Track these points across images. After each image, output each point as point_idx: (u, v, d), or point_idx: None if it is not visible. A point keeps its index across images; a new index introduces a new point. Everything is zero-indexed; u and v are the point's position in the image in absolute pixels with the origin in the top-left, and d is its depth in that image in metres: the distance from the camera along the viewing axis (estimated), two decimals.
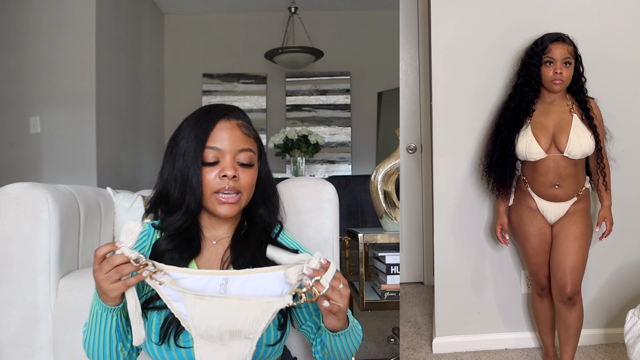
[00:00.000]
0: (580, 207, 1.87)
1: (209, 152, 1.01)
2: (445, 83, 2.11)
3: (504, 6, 2.07)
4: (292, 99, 5.60)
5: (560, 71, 1.78)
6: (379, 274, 2.18)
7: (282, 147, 4.30)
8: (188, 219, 1.03)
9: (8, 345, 1.41)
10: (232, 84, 5.53)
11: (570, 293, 1.83)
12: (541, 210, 1.89)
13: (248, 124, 1.07)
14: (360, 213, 3.82)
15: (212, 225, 1.08)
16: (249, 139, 1.05)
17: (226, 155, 1.01)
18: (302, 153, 4.28)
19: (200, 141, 1.01)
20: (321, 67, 5.43)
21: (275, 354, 1.06)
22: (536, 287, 1.99)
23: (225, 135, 1.02)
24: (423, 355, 2.19)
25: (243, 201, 1.04)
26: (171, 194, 1.03)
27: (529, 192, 1.90)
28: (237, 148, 1.02)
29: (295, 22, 5.06)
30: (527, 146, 1.82)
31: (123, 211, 1.84)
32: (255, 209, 1.10)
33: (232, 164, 1.01)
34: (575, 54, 1.83)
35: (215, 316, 0.88)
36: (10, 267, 1.40)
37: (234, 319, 0.88)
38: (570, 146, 1.79)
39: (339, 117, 5.60)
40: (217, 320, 0.88)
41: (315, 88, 5.61)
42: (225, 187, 1.00)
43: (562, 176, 1.82)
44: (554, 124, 1.83)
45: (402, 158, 3.17)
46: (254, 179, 1.05)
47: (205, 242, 1.07)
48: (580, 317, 1.87)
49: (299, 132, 4.28)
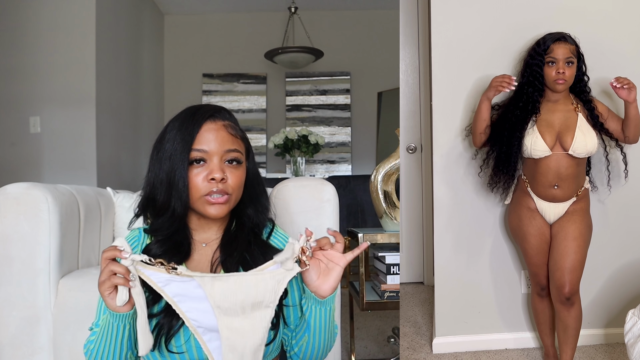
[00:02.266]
0: (579, 206, 1.87)
1: (195, 154, 0.99)
2: (445, 83, 2.11)
3: (504, 6, 2.07)
4: (292, 99, 5.60)
5: (563, 71, 1.78)
6: (379, 274, 2.18)
7: (282, 147, 4.30)
8: (175, 222, 1.02)
9: (8, 345, 1.41)
10: (232, 84, 5.53)
11: (569, 293, 1.82)
12: (540, 211, 1.89)
13: (234, 124, 1.06)
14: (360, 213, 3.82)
15: (202, 228, 1.07)
16: (235, 139, 1.04)
17: (213, 156, 1.00)
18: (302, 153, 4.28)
19: (187, 143, 0.99)
20: (321, 67, 5.43)
21: (271, 353, 1.06)
22: (536, 287, 1.98)
23: (211, 136, 1.00)
24: (423, 355, 2.20)
25: (232, 201, 1.03)
26: (158, 198, 1.02)
27: (529, 192, 1.90)
28: (224, 149, 1.01)
29: (295, 22, 5.06)
30: (533, 143, 1.81)
31: (123, 211, 1.84)
32: (243, 209, 1.09)
33: (220, 166, 1.00)
34: (577, 52, 1.83)
35: (235, 292, 0.93)
36: (10, 267, 1.40)
37: (253, 292, 0.94)
38: (576, 144, 1.79)
39: (339, 117, 5.60)
40: (239, 296, 0.93)
41: (315, 88, 5.61)
42: (213, 189, 0.99)
43: (562, 177, 1.82)
44: (560, 122, 1.83)
45: (402, 158, 3.17)
46: (242, 179, 1.04)
47: (195, 246, 1.06)
48: (578, 317, 1.87)
49: (299, 132, 4.28)
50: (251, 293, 0.93)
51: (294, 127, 4.84)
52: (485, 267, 2.18)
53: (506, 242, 2.18)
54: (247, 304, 0.94)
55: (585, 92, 1.88)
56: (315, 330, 1.04)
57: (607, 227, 2.11)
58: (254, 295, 0.94)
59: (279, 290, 0.94)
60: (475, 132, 1.92)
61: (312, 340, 1.05)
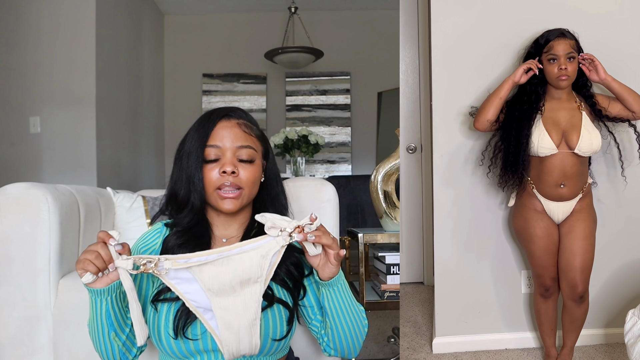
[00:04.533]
0: (585, 202, 1.88)
1: (209, 151, 1.06)
2: (445, 83, 2.11)
3: (504, 6, 2.07)
4: (292, 99, 5.60)
5: (565, 67, 1.78)
6: (379, 274, 2.18)
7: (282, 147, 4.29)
8: (195, 215, 1.09)
9: (8, 345, 1.41)
10: (232, 84, 5.53)
11: (582, 291, 1.87)
12: (548, 212, 1.88)
13: (250, 123, 1.12)
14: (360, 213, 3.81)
15: (222, 224, 1.12)
16: (249, 137, 1.09)
17: (226, 152, 1.06)
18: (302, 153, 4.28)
19: (202, 141, 1.07)
20: (321, 67, 5.42)
21: (281, 350, 1.08)
22: (540, 289, 1.97)
23: (225, 133, 1.07)
24: (423, 355, 2.20)
25: (245, 197, 1.08)
26: (179, 194, 1.09)
27: (535, 194, 1.89)
28: (237, 145, 1.07)
29: (295, 22, 5.06)
30: (540, 140, 1.80)
31: (123, 211, 1.84)
32: (263, 209, 1.13)
33: (232, 161, 1.06)
34: (577, 47, 1.83)
35: (223, 274, 0.97)
36: (10, 267, 1.40)
37: (240, 270, 0.97)
38: (582, 143, 1.79)
39: (339, 117, 5.60)
40: (226, 277, 0.97)
41: (315, 88, 5.60)
42: (225, 182, 1.05)
43: (568, 175, 1.82)
44: (565, 121, 1.83)
45: (402, 158, 3.17)
46: (255, 175, 1.08)
47: (215, 240, 1.11)
48: (587, 310, 1.93)
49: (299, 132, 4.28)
50: (237, 272, 0.97)
51: (294, 127, 4.83)
52: (485, 267, 2.18)
53: (506, 241, 2.18)
54: (235, 283, 0.97)
55: (587, 87, 1.88)
56: (334, 314, 1.06)
57: (608, 227, 2.11)
58: (240, 273, 0.97)
59: (264, 265, 0.98)
60: (486, 108, 1.87)
61: (335, 326, 1.07)
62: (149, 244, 1.09)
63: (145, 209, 1.85)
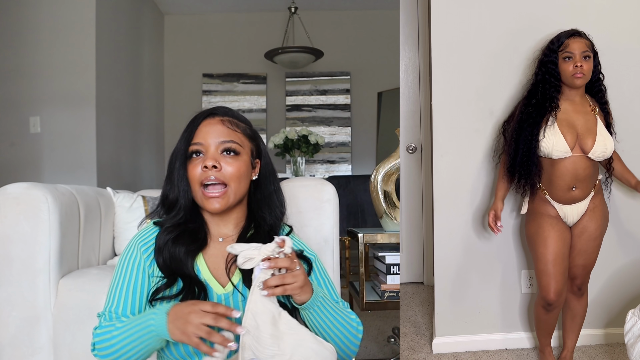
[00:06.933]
0: (598, 199, 1.87)
1: (193, 148, 1.07)
2: (445, 83, 2.11)
3: (503, 6, 2.07)
4: (292, 99, 5.60)
5: (581, 64, 1.74)
6: (379, 274, 2.18)
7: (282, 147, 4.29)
8: (185, 213, 1.09)
9: (8, 345, 1.41)
10: (232, 84, 5.53)
11: (580, 284, 1.92)
12: (562, 216, 1.86)
13: (235, 120, 1.12)
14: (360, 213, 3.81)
15: (216, 223, 1.12)
16: (233, 132, 1.09)
17: (209, 148, 1.07)
18: (302, 153, 4.28)
19: (187, 141, 1.08)
20: (321, 67, 5.43)
21: None
22: (542, 301, 1.89)
23: (207, 130, 1.08)
24: (423, 355, 2.19)
25: (232, 195, 1.07)
26: (169, 195, 1.10)
27: (548, 200, 1.86)
28: (219, 140, 1.07)
29: (295, 22, 5.06)
30: (554, 142, 1.77)
31: (123, 211, 1.84)
32: (257, 210, 1.13)
33: (214, 155, 1.06)
34: (592, 48, 1.80)
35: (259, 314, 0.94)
36: (10, 267, 1.40)
37: (261, 315, 0.94)
38: (597, 148, 1.77)
39: (339, 117, 5.60)
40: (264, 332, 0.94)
41: (315, 88, 5.61)
42: (209, 177, 1.05)
43: (580, 178, 1.80)
44: (581, 124, 1.79)
45: (402, 158, 3.17)
46: (240, 170, 1.07)
47: (212, 238, 1.12)
48: (586, 305, 1.96)
49: (299, 132, 4.28)
50: (265, 318, 0.94)
51: (294, 127, 4.83)
52: (485, 267, 2.18)
53: (507, 241, 2.17)
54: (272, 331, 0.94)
55: (602, 92, 1.85)
56: (321, 331, 1.05)
57: (608, 227, 2.11)
58: (265, 318, 0.94)
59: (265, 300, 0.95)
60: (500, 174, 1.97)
61: (325, 338, 1.05)
62: (147, 240, 1.09)
63: (145, 208, 1.86)
